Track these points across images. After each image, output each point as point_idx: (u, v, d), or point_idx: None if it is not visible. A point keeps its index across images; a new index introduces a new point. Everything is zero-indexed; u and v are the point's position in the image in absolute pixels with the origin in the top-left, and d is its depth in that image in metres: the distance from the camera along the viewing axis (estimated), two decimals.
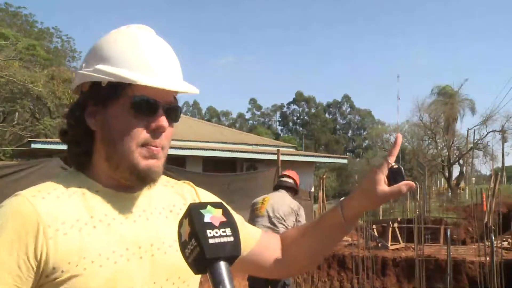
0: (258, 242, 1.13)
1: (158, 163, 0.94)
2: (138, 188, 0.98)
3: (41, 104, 19.56)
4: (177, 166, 9.86)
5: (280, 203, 4.61)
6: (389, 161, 1.01)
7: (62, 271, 0.85)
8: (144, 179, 0.94)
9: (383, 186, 0.99)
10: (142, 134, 0.91)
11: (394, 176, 0.99)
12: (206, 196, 1.13)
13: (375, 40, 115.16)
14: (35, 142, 14.10)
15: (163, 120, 0.93)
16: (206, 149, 16.43)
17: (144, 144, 0.92)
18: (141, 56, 0.92)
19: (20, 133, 17.79)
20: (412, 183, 0.99)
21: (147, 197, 0.99)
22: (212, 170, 14.01)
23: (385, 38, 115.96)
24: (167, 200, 1.03)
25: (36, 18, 27.61)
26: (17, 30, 22.15)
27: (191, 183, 1.14)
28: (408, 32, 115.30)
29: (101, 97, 0.92)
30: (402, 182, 0.98)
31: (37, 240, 0.85)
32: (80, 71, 0.96)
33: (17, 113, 20.24)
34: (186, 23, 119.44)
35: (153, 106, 0.92)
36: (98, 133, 0.94)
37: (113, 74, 0.90)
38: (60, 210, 0.88)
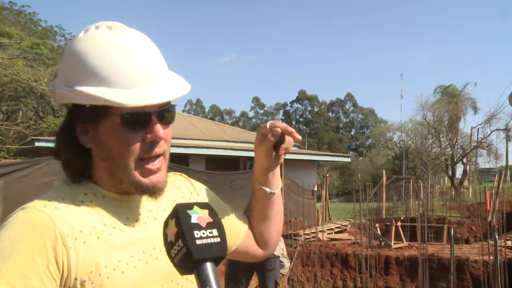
0: (246, 233, 1.14)
1: (161, 176, 0.92)
2: None
3: (44, 102, 19.62)
4: (180, 164, 9.89)
5: None
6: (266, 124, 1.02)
7: (85, 281, 0.83)
8: (151, 194, 0.92)
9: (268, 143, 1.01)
10: (138, 148, 0.88)
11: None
12: (202, 188, 1.13)
13: (378, 38, 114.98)
14: (39, 140, 14.15)
15: (158, 131, 0.89)
16: (209, 148, 16.44)
17: (143, 158, 0.89)
18: (121, 69, 0.85)
19: (24, 132, 17.83)
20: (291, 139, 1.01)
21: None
22: (215, 169, 14.04)
23: (388, 36, 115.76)
24: (168, 196, 1.03)
25: (40, 16, 27.77)
26: (21, 29, 22.17)
27: (184, 175, 1.13)
28: (411, 30, 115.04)
29: (87, 117, 0.88)
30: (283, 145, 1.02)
31: (56, 250, 0.81)
32: (59, 90, 0.90)
33: (21, 112, 20.31)
34: (189, 21, 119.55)
35: (145, 118, 0.88)
36: (95, 150, 0.91)
37: (95, 97, 0.84)
38: (74, 219, 0.86)
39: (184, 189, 1.08)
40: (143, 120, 0.88)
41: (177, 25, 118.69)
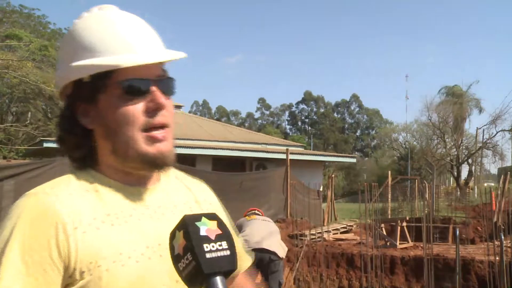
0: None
1: (167, 145, 0.90)
2: (151, 182, 0.95)
3: (53, 104, 19.78)
4: (187, 165, 9.97)
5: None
6: None
7: (83, 272, 0.81)
8: (157, 165, 0.90)
9: None
10: (141, 117, 0.87)
11: None
12: (220, 207, 1.10)
13: (384, 39, 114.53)
14: (47, 141, 14.25)
15: (159, 97, 0.88)
16: (216, 148, 16.50)
17: (147, 128, 0.87)
18: (112, 37, 0.87)
19: (33, 133, 18.00)
20: None
21: (163, 191, 0.96)
22: (222, 169, 14.09)
23: (394, 37, 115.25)
24: (182, 195, 1.00)
25: (49, 19, 28.00)
26: (30, 31, 22.40)
27: (208, 186, 1.12)
28: (417, 31, 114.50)
29: (88, 93, 0.88)
30: None
31: (58, 239, 0.80)
32: (58, 74, 0.92)
33: (29, 113, 20.56)
34: (195, 22, 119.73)
35: (144, 85, 0.87)
36: (97, 130, 0.90)
37: (90, 66, 0.85)
38: (75, 208, 0.84)
39: (206, 195, 1.08)
40: (142, 88, 0.87)
41: (184, 26, 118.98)
